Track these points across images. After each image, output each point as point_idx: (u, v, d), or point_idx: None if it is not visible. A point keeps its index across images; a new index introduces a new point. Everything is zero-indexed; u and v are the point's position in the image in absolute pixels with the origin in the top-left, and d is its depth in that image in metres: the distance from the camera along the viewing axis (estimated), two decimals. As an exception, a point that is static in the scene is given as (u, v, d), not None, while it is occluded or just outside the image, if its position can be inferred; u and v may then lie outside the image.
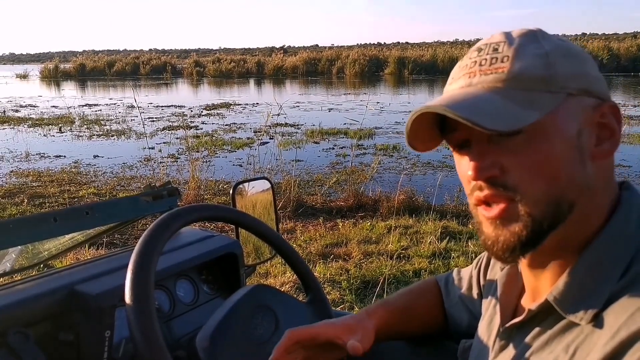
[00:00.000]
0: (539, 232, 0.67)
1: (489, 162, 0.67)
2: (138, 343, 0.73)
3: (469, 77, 0.70)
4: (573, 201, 0.67)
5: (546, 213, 0.66)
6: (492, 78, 0.67)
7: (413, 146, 0.74)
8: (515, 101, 0.64)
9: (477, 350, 0.87)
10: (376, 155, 8.22)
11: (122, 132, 11.22)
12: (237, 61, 36.64)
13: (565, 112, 0.66)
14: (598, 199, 0.69)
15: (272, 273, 3.69)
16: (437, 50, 34.28)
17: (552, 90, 0.65)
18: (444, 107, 0.64)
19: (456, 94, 0.69)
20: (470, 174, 0.69)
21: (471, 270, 1.05)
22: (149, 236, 0.82)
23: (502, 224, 0.69)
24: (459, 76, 0.72)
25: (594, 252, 0.68)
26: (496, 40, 0.70)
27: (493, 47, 0.69)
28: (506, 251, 0.69)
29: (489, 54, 0.69)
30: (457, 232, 4.56)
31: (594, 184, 0.68)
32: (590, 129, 0.67)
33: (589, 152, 0.67)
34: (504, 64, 0.67)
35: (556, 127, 0.65)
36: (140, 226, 4.34)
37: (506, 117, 0.63)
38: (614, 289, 0.65)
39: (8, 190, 6.33)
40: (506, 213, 0.68)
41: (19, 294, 0.89)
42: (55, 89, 27.23)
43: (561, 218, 0.67)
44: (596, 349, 0.61)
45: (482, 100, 0.65)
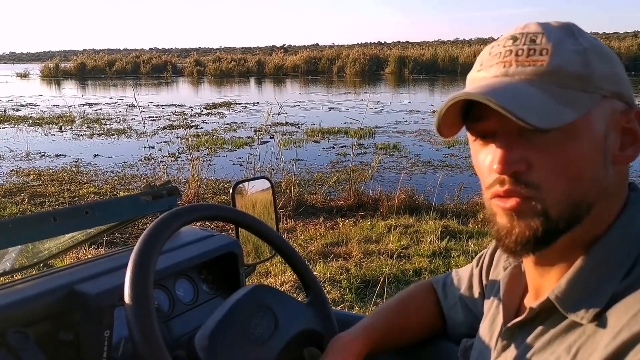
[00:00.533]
0: (554, 231, 0.66)
1: (517, 157, 0.65)
2: (137, 343, 0.73)
3: (504, 66, 0.67)
4: (592, 203, 0.66)
5: (564, 213, 0.65)
6: (530, 70, 0.65)
7: (440, 131, 0.71)
8: (553, 97, 0.63)
9: (479, 350, 0.87)
10: (376, 154, 8.22)
11: (122, 131, 11.22)
12: (238, 60, 36.62)
13: (597, 114, 0.65)
14: (614, 202, 0.69)
15: (272, 272, 3.69)
16: (438, 49, 34.28)
17: (589, 90, 0.64)
18: (487, 96, 0.62)
19: (494, 83, 0.66)
20: (497, 167, 0.66)
21: (471, 269, 1.04)
22: (149, 235, 0.82)
23: (519, 216, 0.67)
24: (491, 64, 0.69)
25: (599, 251, 0.68)
26: (533, 31, 0.68)
27: (530, 38, 0.67)
28: (519, 244, 0.68)
29: (526, 45, 0.67)
30: (458, 231, 4.56)
31: (612, 187, 0.68)
32: (616, 133, 0.67)
33: (613, 156, 0.67)
34: (543, 57, 0.65)
35: (588, 128, 0.65)
36: (141, 225, 4.34)
37: (546, 114, 0.62)
38: (617, 288, 0.64)
39: (8, 189, 6.34)
40: (524, 206, 0.66)
41: (18, 293, 0.89)
42: (55, 88, 27.23)
43: (579, 219, 0.66)
44: (598, 350, 0.61)
45: (522, 93, 0.64)
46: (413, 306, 1.09)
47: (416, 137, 9.97)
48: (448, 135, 0.72)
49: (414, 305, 1.09)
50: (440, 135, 0.72)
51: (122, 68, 37.24)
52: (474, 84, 0.70)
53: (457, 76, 27.83)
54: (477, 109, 0.68)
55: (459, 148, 8.56)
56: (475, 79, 0.71)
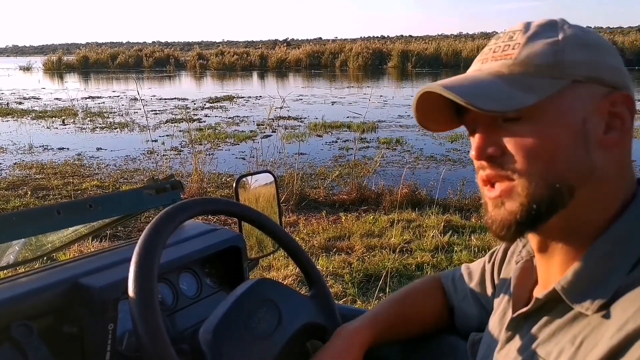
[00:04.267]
0: (536, 213, 0.68)
1: (490, 142, 0.70)
2: (141, 336, 0.73)
3: (482, 63, 0.73)
4: (573, 185, 0.67)
5: (543, 194, 0.67)
6: (499, 64, 0.70)
7: (424, 126, 0.78)
8: (516, 85, 0.67)
9: (487, 343, 0.88)
10: (379, 148, 8.21)
11: (125, 125, 11.22)
12: (241, 54, 36.54)
13: (570, 98, 0.67)
14: (608, 189, 0.69)
15: (275, 266, 3.70)
16: (441, 43, 34.13)
17: (556, 76, 0.66)
18: (441, 87, 0.68)
19: (459, 77, 0.72)
20: (473, 154, 0.72)
21: (484, 264, 1.05)
22: (152, 229, 0.82)
23: (502, 203, 0.71)
24: (475, 62, 0.75)
25: (605, 243, 0.68)
26: (514, 29, 0.72)
27: (509, 35, 0.71)
28: (503, 229, 0.71)
29: (504, 42, 0.71)
30: (460, 226, 4.56)
31: (603, 171, 0.68)
32: (599, 117, 0.68)
33: (597, 140, 0.67)
34: (514, 51, 0.69)
35: (558, 112, 0.67)
36: (144, 219, 4.35)
37: (502, 99, 0.65)
38: (624, 281, 0.65)
39: (12, 182, 6.35)
40: (505, 193, 0.70)
41: (22, 286, 0.90)
42: (58, 82, 27.23)
43: (560, 201, 0.68)
44: (602, 342, 0.62)
45: (482, 83, 0.68)
46: (419, 299, 1.10)
47: (419, 131, 9.95)
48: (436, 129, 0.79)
49: (420, 298, 1.10)
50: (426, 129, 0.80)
51: (125, 61, 37.19)
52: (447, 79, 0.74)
53: (460, 70, 27.57)
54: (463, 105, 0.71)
55: (462, 143, 8.54)
56: None
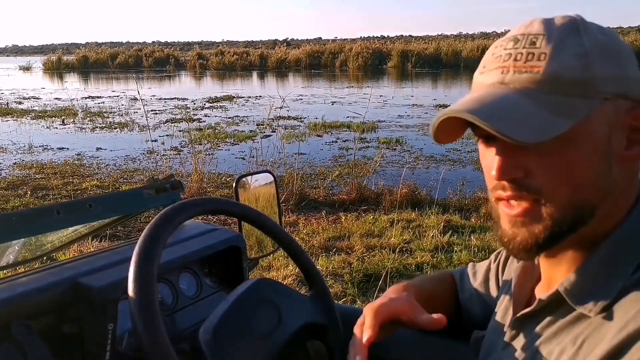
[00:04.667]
0: (558, 235, 0.67)
1: (514, 164, 0.66)
2: (141, 336, 0.73)
3: (502, 73, 0.67)
4: (595, 205, 0.66)
5: (568, 217, 0.66)
6: (525, 78, 0.64)
7: (438, 140, 0.73)
8: (547, 108, 0.62)
9: (490, 341, 0.88)
10: (379, 148, 8.21)
11: (125, 125, 11.22)
12: (240, 54, 36.55)
13: (599, 118, 0.64)
14: (622, 200, 0.69)
15: (274, 266, 3.70)
16: (441, 43, 34.16)
17: (588, 96, 0.63)
18: (472, 114, 0.63)
19: (486, 95, 0.66)
20: (494, 174, 0.67)
21: (489, 264, 1.05)
22: (152, 229, 0.82)
23: (523, 224, 0.68)
24: (491, 67, 0.69)
25: (609, 246, 0.68)
26: (535, 32, 0.67)
27: (531, 40, 0.66)
28: (522, 251, 0.69)
29: (526, 48, 0.66)
30: (460, 226, 4.56)
31: (619, 186, 0.67)
32: (622, 132, 0.66)
33: (618, 155, 0.66)
34: (540, 63, 0.64)
35: (588, 133, 0.64)
36: (144, 219, 4.35)
37: (536, 127, 0.61)
38: (626, 283, 0.65)
39: (11, 182, 6.35)
40: (528, 213, 0.67)
41: (22, 286, 0.89)
42: (58, 81, 27.23)
43: (582, 221, 0.66)
44: (603, 342, 0.62)
45: (511, 106, 0.63)
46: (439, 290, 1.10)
47: (419, 131, 9.95)
48: (448, 141, 0.74)
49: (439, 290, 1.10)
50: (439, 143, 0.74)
51: (125, 61, 37.19)
52: (474, 91, 0.70)
53: (460, 70, 27.75)
54: None
55: (462, 143, 8.52)
56: (477, 84, 0.72)
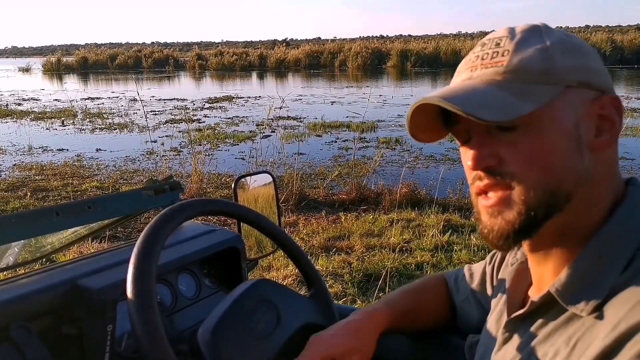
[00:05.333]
0: (533, 220, 0.68)
1: (486, 152, 0.69)
2: (140, 337, 0.73)
3: (471, 71, 0.72)
4: (570, 191, 0.68)
5: (541, 202, 0.67)
6: (491, 71, 0.69)
7: (415, 136, 0.76)
8: (511, 93, 0.66)
9: (484, 345, 0.88)
10: (379, 148, 8.21)
11: (124, 126, 11.22)
12: (240, 54, 36.55)
13: (563, 104, 0.67)
14: (599, 190, 0.70)
15: (274, 266, 3.70)
16: (440, 42, 34.17)
17: (550, 82, 0.67)
18: (439, 98, 0.66)
19: (454, 87, 0.71)
20: (470, 164, 0.71)
21: (484, 266, 1.06)
22: (151, 230, 0.82)
23: (498, 212, 0.70)
24: (462, 70, 0.74)
25: (597, 244, 0.68)
26: (499, 35, 0.72)
27: (496, 42, 0.71)
28: (500, 239, 0.71)
29: (491, 48, 0.71)
30: (460, 225, 4.56)
31: (594, 174, 0.69)
32: (590, 121, 0.68)
33: (588, 143, 0.68)
34: (504, 58, 0.69)
35: (553, 118, 0.67)
36: (143, 220, 4.35)
37: (500, 108, 0.65)
38: (616, 282, 0.65)
39: (11, 183, 6.35)
40: (502, 202, 0.70)
41: (21, 288, 0.90)
42: (57, 83, 27.22)
43: (557, 207, 0.68)
44: (596, 342, 0.62)
45: (478, 92, 0.67)
46: (427, 294, 1.11)
47: (418, 131, 9.95)
48: (426, 140, 0.77)
49: (428, 293, 1.11)
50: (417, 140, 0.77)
51: (124, 62, 37.21)
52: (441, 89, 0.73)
53: (459, 70, 27.72)
54: (453, 114, 0.70)
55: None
56: None
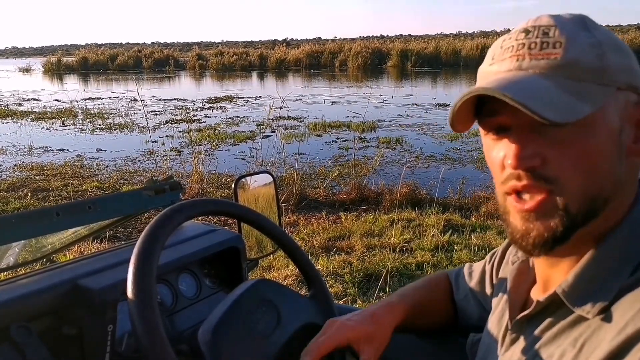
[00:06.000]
0: (572, 227, 0.65)
1: (531, 152, 0.65)
2: (140, 337, 0.73)
3: (517, 60, 0.67)
4: (608, 197, 0.66)
5: (582, 208, 0.65)
6: (544, 64, 0.65)
7: (454, 127, 0.71)
8: (568, 91, 0.62)
9: (486, 344, 0.88)
10: (379, 148, 8.21)
11: (125, 126, 11.22)
12: (240, 54, 36.55)
13: (613, 107, 0.64)
14: (625, 195, 0.68)
15: (274, 266, 3.70)
16: (440, 42, 34.15)
17: (604, 83, 0.64)
18: (503, 92, 0.62)
19: (509, 77, 0.65)
20: (510, 162, 0.66)
21: (484, 265, 1.05)
22: (151, 230, 0.82)
23: (537, 218, 0.66)
24: (503, 57, 0.68)
25: (608, 246, 0.67)
26: (545, 24, 0.67)
27: (543, 31, 0.66)
28: (537, 246, 0.67)
29: (539, 38, 0.66)
30: (460, 225, 4.56)
31: (625, 180, 0.67)
32: (630, 126, 0.66)
33: (627, 149, 0.66)
34: (557, 50, 0.64)
35: (603, 121, 0.64)
36: (143, 220, 4.35)
37: (562, 108, 0.61)
38: (625, 283, 0.64)
39: (12, 183, 6.35)
40: (543, 206, 0.65)
41: (22, 288, 0.90)
42: (58, 83, 27.23)
43: (595, 214, 0.66)
44: (603, 344, 0.61)
45: (537, 87, 0.63)
46: (433, 292, 1.11)
47: (419, 130, 9.96)
48: (462, 130, 0.71)
49: (434, 291, 1.11)
50: (454, 131, 0.72)
51: (125, 62, 37.20)
52: (487, 78, 0.68)
53: (459, 69, 27.76)
54: (491, 104, 0.66)
55: (462, 142, 8.54)
56: (489, 73, 0.70)
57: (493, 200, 5.02)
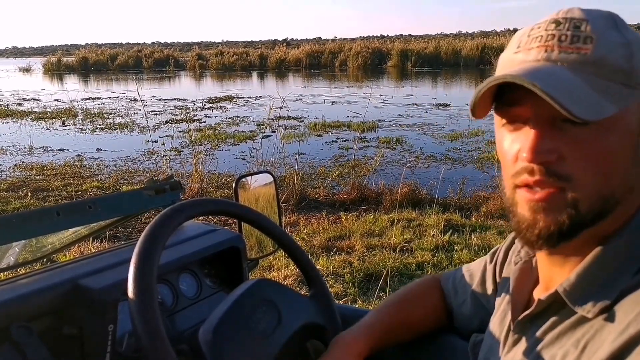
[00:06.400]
0: (580, 225, 0.65)
1: (548, 147, 0.63)
2: (141, 337, 0.73)
3: (546, 51, 0.65)
4: (618, 199, 0.65)
5: (593, 208, 0.64)
6: (574, 58, 0.63)
7: (474, 112, 0.69)
8: (596, 89, 0.61)
9: (489, 344, 0.87)
10: (379, 148, 8.21)
11: (125, 126, 11.22)
12: (240, 54, 36.54)
13: (635, 109, 0.64)
14: (634, 199, 0.68)
15: (275, 266, 3.70)
16: (441, 42, 34.13)
17: (630, 85, 0.63)
18: (532, 81, 0.60)
19: (537, 67, 0.64)
20: (526, 156, 0.64)
21: (485, 264, 1.03)
22: (152, 230, 0.82)
23: (545, 209, 0.65)
24: (530, 46, 0.67)
25: (612, 247, 0.67)
26: (576, 17, 0.66)
27: (574, 24, 0.65)
28: (542, 238, 0.66)
29: (570, 31, 0.65)
30: (460, 225, 4.56)
31: (637, 184, 0.67)
32: None
33: None
34: (587, 46, 0.63)
35: (624, 123, 0.63)
36: (144, 220, 4.35)
37: (588, 105, 0.60)
38: (627, 284, 0.64)
39: (12, 183, 6.35)
40: (552, 199, 0.64)
41: (22, 288, 0.90)
42: (58, 83, 27.23)
43: (604, 215, 0.65)
44: (605, 345, 0.61)
45: (566, 81, 0.61)
46: (417, 303, 1.09)
47: (419, 130, 9.96)
48: (480, 116, 0.70)
49: (417, 302, 1.09)
50: (473, 116, 0.70)
51: (125, 62, 37.18)
52: (513, 66, 0.67)
53: (459, 69, 27.76)
54: (512, 93, 0.65)
55: (462, 142, 8.55)
56: (513, 61, 0.68)
57: (493, 200, 5.03)
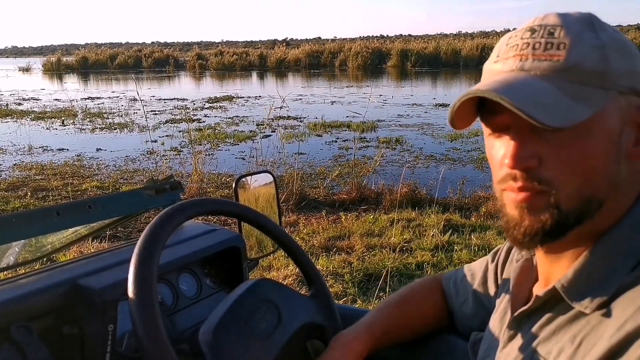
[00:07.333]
0: (564, 225, 0.66)
1: (528, 152, 0.66)
2: (141, 337, 0.73)
3: (521, 60, 0.67)
4: (603, 199, 0.66)
5: (575, 208, 0.65)
6: (546, 65, 0.65)
7: (454, 125, 0.72)
8: (568, 94, 0.63)
9: (488, 342, 0.88)
10: (379, 148, 8.21)
11: (124, 125, 11.22)
12: (240, 54, 36.53)
13: (613, 110, 0.65)
14: (626, 197, 0.69)
15: (275, 266, 3.70)
16: (440, 42, 34.13)
17: (605, 87, 0.64)
18: (500, 95, 0.62)
19: (509, 79, 0.66)
20: (508, 162, 0.67)
21: (486, 263, 1.04)
22: (152, 230, 0.82)
23: (529, 209, 0.67)
24: (507, 55, 0.69)
25: (608, 243, 0.68)
26: (551, 23, 0.67)
27: (548, 31, 0.66)
28: (527, 236, 0.68)
29: (544, 38, 0.66)
30: (460, 225, 4.56)
31: (624, 182, 0.67)
32: (631, 129, 0.67)
33: (627, 152, 0.66)
34: (560, 52, 0.64)
35: (602, 125, 0.64)
36: (144, 220, 4.35)
37: (560, 112, 0.61)
38: (624, 280, 0.64)
39: (11, 183, 6.35)
40: (534, 200, 0.67)
41: (22, 287, 0.90)
42: (57, 82, 27.23)
43: (589, 214, 0.66)
44: (602, 341, 0.61)
45: (536, 90, 0.63)
46: (417, 303, 1.09)
47: (419, 130, 9.96)
48: (462, 127, 0.72)
49: (418, 302, 1.10)
50: (454, 128, 0.72)
51: (124, 62, 37.17)
52: (490, 77, 0.69)
53: (459, 69, 27.76)
54: (492, 103, 0.67)
55: (462, 142, 8.55)
56: (492, 71, 0.70)
57: (493, 200, 5.01)
